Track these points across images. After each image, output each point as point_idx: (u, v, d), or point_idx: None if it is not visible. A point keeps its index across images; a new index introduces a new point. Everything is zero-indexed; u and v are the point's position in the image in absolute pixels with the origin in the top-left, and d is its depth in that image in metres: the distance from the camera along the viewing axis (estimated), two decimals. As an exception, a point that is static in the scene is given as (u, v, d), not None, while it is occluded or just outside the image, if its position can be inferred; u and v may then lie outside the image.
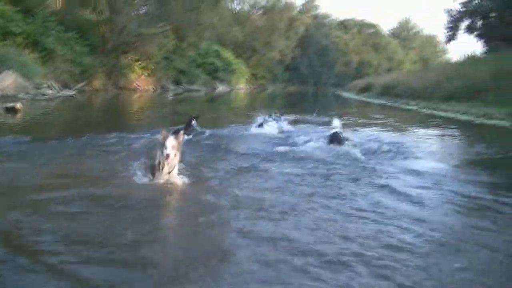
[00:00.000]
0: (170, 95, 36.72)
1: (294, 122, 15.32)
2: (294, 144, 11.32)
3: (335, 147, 10.71)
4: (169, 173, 6.47)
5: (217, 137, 11.95)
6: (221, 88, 58.82)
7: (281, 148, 10.50)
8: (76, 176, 6.92)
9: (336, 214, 5.53)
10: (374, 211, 5.69)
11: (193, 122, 12.07)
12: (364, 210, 5.73)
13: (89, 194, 5.91)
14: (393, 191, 6.72)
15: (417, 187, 7.04)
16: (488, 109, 23.98)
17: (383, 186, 6.96)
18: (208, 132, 12.42)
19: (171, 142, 6.31)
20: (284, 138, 12.33)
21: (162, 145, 6.29)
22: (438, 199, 6.45)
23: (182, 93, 42.93)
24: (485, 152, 11.71)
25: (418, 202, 6.23)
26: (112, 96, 31.32)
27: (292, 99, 50.50)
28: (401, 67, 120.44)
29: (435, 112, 28.06)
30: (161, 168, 6.39)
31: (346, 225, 5.18)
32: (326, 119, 15.27)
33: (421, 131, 17.39)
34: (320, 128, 13.99)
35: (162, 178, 6.44)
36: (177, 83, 48.68)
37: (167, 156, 6.26)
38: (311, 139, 11.87)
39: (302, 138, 12.18)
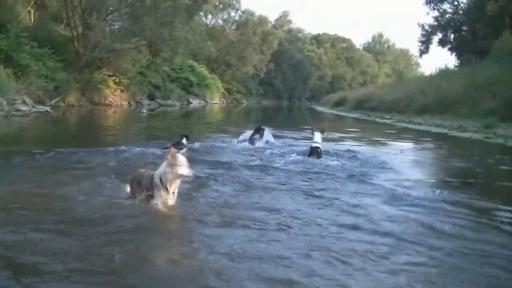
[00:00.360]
0: (144, 110, 36.95)
1: (274, 136, 15.22)
2: (279, 156, 11.71)
3: (313, 160, 11.06)
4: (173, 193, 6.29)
5: (204, 152, 12.11)
6: (196, 103, 59.18)
7: (261, 161, 10.78)
8: (46, 195, 6.63)
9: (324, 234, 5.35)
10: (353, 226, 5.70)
11: (184, 140, 12.14)
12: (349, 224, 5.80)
13: (65, 215, 5.57)
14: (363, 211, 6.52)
15: (393, 205, 6.85)
16: (462, 122, 24.63)
17: (355, 207, 6.67)
18: (196, 146, 12.82)
19: (184, 160, 6.14)
20: (268, 151, 12.49)
21: (176, 164, 6.02)
22: (411, 215, 6.31)
23: (156, 108, 43.30)
24: (461, 165, 12.22)
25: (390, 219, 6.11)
26: (87, 112, 31.38)
27: (267, 113, 50.96)
28: (375, 80, 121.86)
29: (409, 125, 28.54)
30: (171, 190, 6.15)
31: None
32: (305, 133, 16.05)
33: (396, 144, 17.85)
34: (301, 141, 14.55)
35: (171, 200, 6.22)
36: (151, 98, 49.00)
37: (194, 175, 6.21)
38: (293, 152, 12.24)
39: (285, 151, 12.66)
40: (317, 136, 12.09)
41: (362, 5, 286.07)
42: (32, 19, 37.19)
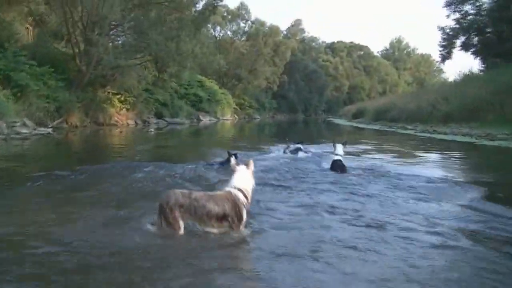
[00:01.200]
0: (152, 129, 36.75)
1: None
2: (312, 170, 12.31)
3: (337, 174, 11.31)
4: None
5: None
6: (206, 119, 59.06)
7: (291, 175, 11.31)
8: (57, 222, 6.61)
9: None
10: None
11: (232, 159, 12.30)
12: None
13: (90, 244, 5.59)
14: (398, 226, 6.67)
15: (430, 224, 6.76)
16: (489, 129, 24.18)
17: (384, 224, 6.72)
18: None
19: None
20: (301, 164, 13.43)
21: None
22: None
23: (165, 127, 43.01)
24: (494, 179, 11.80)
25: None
26: (91, 133, 31.16)
27: (282, 128, 50.85)
28: (395, 89, 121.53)
29: (433, 135, 28.19)
30: (243, 216, 6.10)
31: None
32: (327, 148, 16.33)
33: (422, 156, 17.55)
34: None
35: (241, 228, 6.14)
36: (159, 116, 48.79)
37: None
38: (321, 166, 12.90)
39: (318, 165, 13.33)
40: (339, 149, 12.33)
41: (378, 10, 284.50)
42: (31, 37, 37.19)
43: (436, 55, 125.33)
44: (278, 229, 6.38)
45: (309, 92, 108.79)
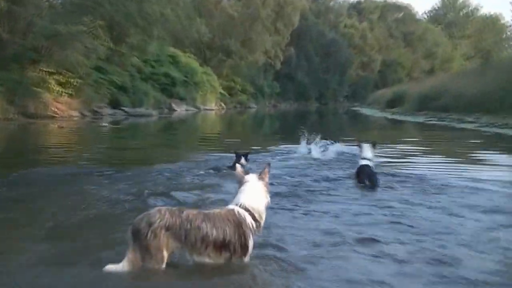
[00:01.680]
0: (105, 123, 36.24)
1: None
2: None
3: (366, 189, 11.29)
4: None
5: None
6: (181, 109, 59.04)
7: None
8: None
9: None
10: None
11: (242, 161, 13.24)
12: None
13: None
14: None
15: None
16: None
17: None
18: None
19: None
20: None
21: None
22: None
23: (123, 120, 42.75)
24: None
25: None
26: (19, 129, 30.90)
27: (288, 123, 50.84)
28: (448, 66, 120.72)
29: (505, 130, 27.90)
30: (249, 246, 6.10)
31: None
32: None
33: (490, 159, 17.21)
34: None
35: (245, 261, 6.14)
36: (115, 105, 48.50)
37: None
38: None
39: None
40: (367, 151, 12.43)
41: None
42: None
43: (508, 16, 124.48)
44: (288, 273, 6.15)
45: (325, 71, 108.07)
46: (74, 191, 10.50)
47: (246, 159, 13.47)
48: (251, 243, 6.00)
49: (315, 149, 17.46)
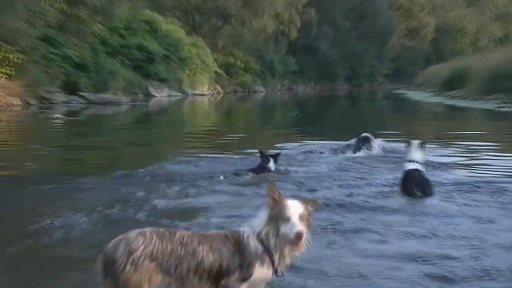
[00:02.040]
0: (57, 115, 32.28)
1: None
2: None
3: (417, 199, 10.47)
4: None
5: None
6: (161, 95, 54.75)
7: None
8: None
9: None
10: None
11: (271, 164, 12.73)
12: None
13: None
14: None
15: None
16: None
17: None
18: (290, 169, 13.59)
19: (298, 209, 5.16)
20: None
21: (281, 214, 5.10)
22: None
23: (83, 109, 38.86)
24: None
25: None
26: None
27: (307, 111, 45.68)
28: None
29: None
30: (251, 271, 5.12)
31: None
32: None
33: None
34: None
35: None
36: (71, 89, 43.62)
37: (299, 235, 4.96)
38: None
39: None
40: (415, 151, 11.24)
41: None
42: None
43: None
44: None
45: (358, 41, 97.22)
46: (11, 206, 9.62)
47: (276, 161, 12.78)
48: (254, 270, 5.10)
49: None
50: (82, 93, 43.41)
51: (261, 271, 5.04)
